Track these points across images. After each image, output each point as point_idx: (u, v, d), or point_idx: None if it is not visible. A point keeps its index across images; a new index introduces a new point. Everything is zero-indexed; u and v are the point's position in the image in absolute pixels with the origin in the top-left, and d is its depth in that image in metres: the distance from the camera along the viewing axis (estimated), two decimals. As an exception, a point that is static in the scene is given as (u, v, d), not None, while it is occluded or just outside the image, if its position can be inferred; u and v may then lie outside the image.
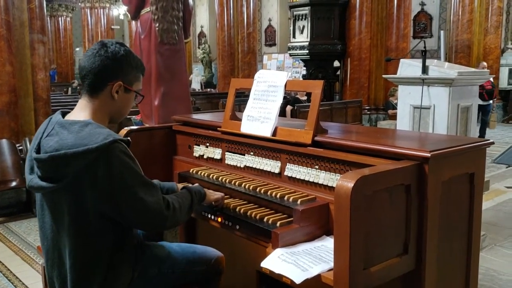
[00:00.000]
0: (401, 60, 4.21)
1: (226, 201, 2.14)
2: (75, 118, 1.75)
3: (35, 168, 1.68)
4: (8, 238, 4.62)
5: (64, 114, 1.81)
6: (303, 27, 11.08)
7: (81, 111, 1.79)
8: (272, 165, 2.20)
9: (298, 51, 11.26)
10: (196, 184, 2.21)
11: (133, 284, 1.82)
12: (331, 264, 1.61)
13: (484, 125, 9.91)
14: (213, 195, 2.09)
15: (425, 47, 4.02)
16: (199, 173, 2.45)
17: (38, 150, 1.68)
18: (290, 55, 12.21)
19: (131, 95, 1.87)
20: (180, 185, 2.26)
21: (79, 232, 1.68)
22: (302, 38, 11.11)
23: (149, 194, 1.70)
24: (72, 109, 1.86)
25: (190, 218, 2.11)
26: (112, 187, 1.61)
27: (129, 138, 1.75)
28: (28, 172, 1.73)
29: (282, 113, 2.24)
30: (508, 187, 6.05)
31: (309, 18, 10.88)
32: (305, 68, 12.27)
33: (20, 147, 5.62)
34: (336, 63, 11.79)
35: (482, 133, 9.66)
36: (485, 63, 9.94)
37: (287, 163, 2.13)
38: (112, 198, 1.63)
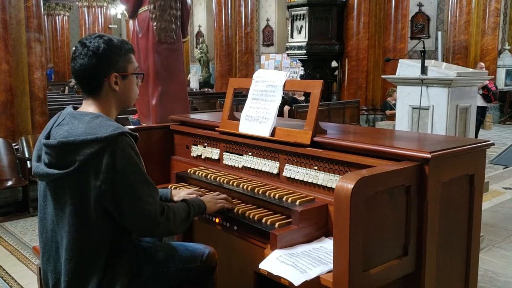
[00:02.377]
0: (400, 60, 4.20)
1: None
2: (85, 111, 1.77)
3: (43, 155, 1.70)
4: (4, 238, 4.59)
5: (75, 109, 1.82)
6: (301, 27, 11.07)
7: (89, 107, 1.80)
8: (270, 166, 2.19)
9: (296, 51, 11.26)
10: (185, 195, 2.16)
11: (130, 285, 1.80)
12: (330, 266, 1.60)
13: (479, 125, 9.92)
14: (215, 204, 2.03)
15: (424, 47, 4.01)
16: (197, 173, 2.43)
17: (48, 139, 1.70)
18: (288, 55, 12.21)
19: (131, 79, 1.86)
20: (174, 191, 2.23)
21: (79, 224, 1.67)
22: (300, 38, 11.10)
23: (148, 194, 1.69)
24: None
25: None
26: (114, 179, 1.62)
27: (137, 134, 1.74)
28: (35, 160, 1.74)
29: (279, 113, 2.22)
30: (505, 188, 6.04)
31: (307, 18, 10.87)
32: (302, 68, 12.26)
33: (16, 147, 5.59)
34: (334, 64, 11.80)
35: (476, 134, 9.66)
36: (483, 64, 9.96)
37: (286, 164, 2.12)
38: (112, 191, 1.63)
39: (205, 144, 2.56)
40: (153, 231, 1.79)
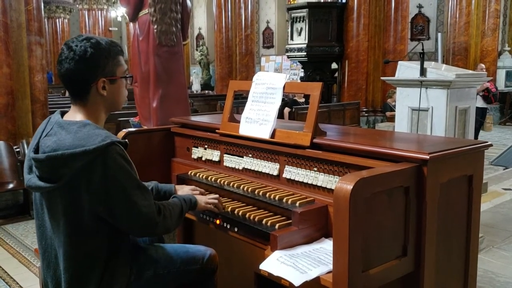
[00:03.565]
0: (399, 62, 4.22)
1: (224, 203, 2.13)
2: (72, 119, 1.74)
3: (33, 168, 1.68)
4: (5, 240, 4.60)
5: (63, 114, 1.80)
6: (301, 29, 11.10)
7: (77, 114, 1.77)
8: (270, 167, 2.20)
9: (296, 53, 11.28)
10: (188, 190, 2.19)
11: (130, 287, 1.81)
12: (330, 267, 1.61)
13: (480, 126, 9.92)
14: (204, 202, 2.05)
15: (423, 49, 4.02)
16: (197, 175, 2.45)
17: (36, 150, 1.69)
18: (288, 57, 12.23)
19: (120, 83, 1.82)
20: (178, 186, 2.26)
21: (74, 233, 1.67)
22: (300, 40, 11.12)
23: (142, 198, 1.70)
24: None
25: (186, 219, 2.11)
26: (107, 189, 1.62)
27: (126, 140, 1.74)
28: (27, 172, 1.73)
29: (279, 115, 2.23)
30: (505, 189, 6.05)
31: (307, 20, 10.90)
32: (303, 70, 12.28)
33: (18, 149, 5.61)
34: (334, 65, 11.82)
35: (476, 135, 9.66)
36: (483, 65, 9.96)
37: (286, 165, 2.13)
38: (106, 200, 1.63)
39: (206, 146, 2.57)
40: (153, 232, 1.82)
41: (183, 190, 2.19)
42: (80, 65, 1.70)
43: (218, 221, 2.07)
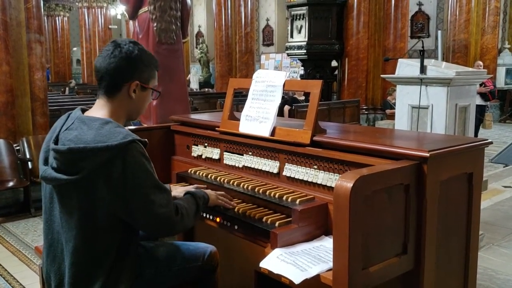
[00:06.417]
0: (399, 60, 4.22)
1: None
2: (94, 115, 1.76)
3: (51, 159, 1.69)
4: (6, 238, 4.60)
5: (83, 111, 1.82)
6: (301, 27, 11.08)
7: (100, 110, 1.80)
8: (270, 165, 2.20)
9: (295, 51, 11.26)
10: (182, 191, 2.16)
11: (132, 286, 1.81)
12: (330, 264, 1.61)
13: (479, 124, 9.92)
14: (216, 198, 2.07)
15: (423, 47, 4.02)
16: (197, 173, 2.45)
17: (56, 143, 1.70)
18: (288, 55, 12.22)
19: (148, 93, 1.88)
20: (173, 187, 2.24)
21: (87, 228, 1.67)
22: (300, 38, 11.11)
23: (160, 197, 1.70)
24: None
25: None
26: (126, 187, 1.62)
27: (146, 139, 1.74)
28: (42, 163, 1.73)
29: (279, 112, 2.23)
30: (505, 187, 6.06)
31: (306, 18, 10.88)
32: (302, 68, 12.28)
33: (17, 147, 5.61)
34: (334, 63, 11.80)
35: (475, 132, 9.66)
36: (480, 62, 9.94)
37: (286, 163, 2.13)
38: (124, 198, 1.63)
39: (206, 144, 2.57)
40: (171, 231, 1.83)
41: (177, 191, 2.16)
42: (123, 62, 1.76)
43: (218, 219, 2.07)
